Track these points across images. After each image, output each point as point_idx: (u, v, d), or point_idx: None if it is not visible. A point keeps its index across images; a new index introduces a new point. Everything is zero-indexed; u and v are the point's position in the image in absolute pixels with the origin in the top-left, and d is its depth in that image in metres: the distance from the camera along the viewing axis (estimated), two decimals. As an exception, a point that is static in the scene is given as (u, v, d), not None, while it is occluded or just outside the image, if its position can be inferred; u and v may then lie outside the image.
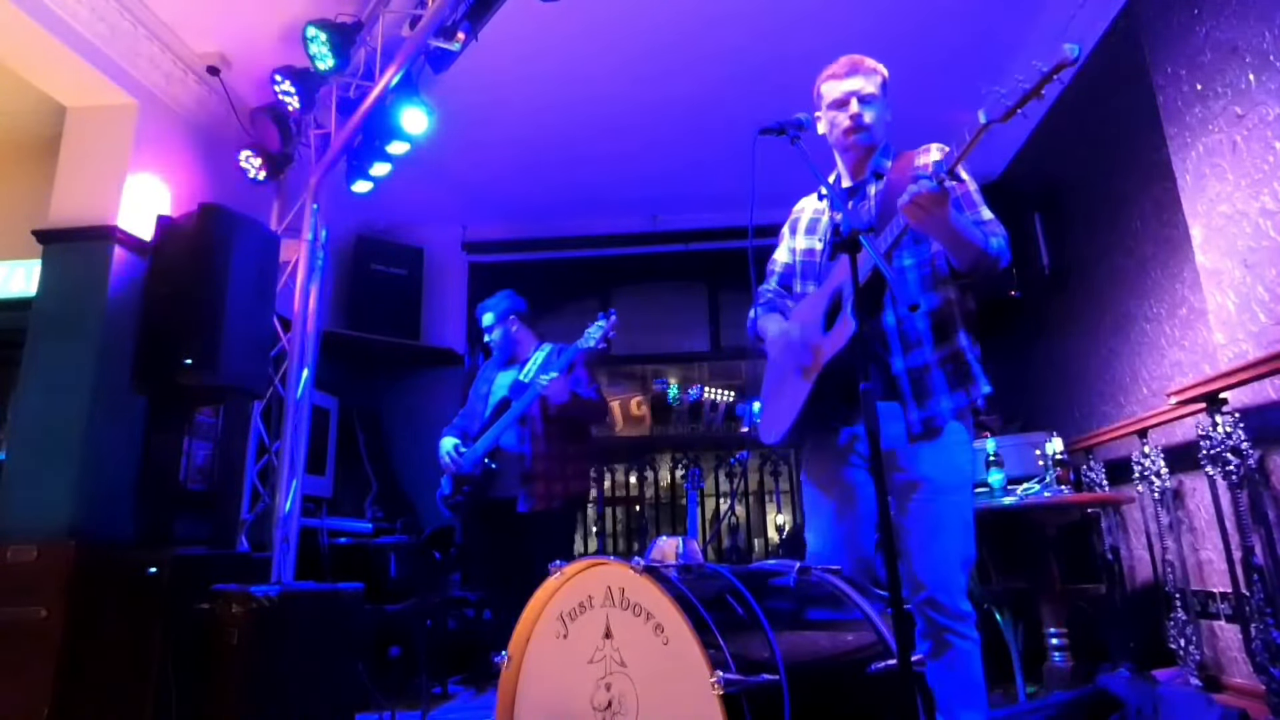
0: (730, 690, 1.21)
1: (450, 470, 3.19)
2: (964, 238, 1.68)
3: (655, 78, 4.16)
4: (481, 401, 3.31)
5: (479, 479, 3.12)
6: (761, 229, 1.92)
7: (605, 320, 3.03)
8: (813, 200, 2.12)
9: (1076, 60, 1.36)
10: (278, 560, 3.35)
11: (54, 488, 3.00)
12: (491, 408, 3.21)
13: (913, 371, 1.81)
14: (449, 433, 3.31)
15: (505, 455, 3.12)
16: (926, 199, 1.56)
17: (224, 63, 3.71)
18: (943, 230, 1.66)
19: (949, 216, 1.62)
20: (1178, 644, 2.95)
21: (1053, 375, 4.29)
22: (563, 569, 1.56)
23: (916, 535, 1.78)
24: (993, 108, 1.47)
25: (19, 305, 3.71)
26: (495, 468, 3.10)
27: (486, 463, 3.11)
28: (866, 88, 1.92)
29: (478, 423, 3.25)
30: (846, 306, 1.74)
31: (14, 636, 2.74)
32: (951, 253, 1.75)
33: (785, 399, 1.93)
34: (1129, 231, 3.42)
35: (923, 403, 1.80)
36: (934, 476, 1.79)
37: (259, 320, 3.48)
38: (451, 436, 3.27)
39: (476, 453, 3.14)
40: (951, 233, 1.67)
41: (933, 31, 3.81)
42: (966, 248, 1.70)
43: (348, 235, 5.39)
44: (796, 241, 2.09)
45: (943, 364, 1.81)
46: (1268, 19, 2.44)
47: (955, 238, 1.68)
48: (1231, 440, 2.49)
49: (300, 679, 2.68)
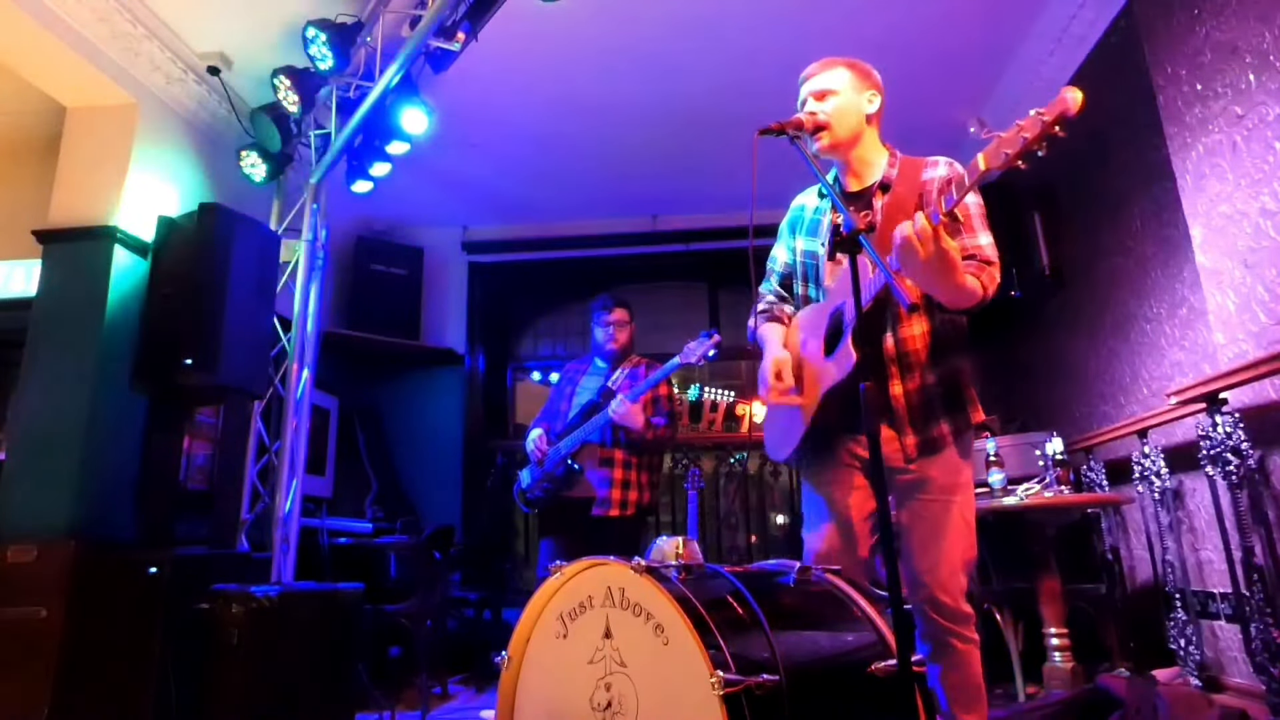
0: (730, 690, 1.21)
1: (535, 458, 3.18)
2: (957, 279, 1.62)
3: (655, 77, 4.16)
4: (566, 400, 3.27)
5: (559, 478, 3.12)
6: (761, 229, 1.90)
7: (709, 339, 2.96)
8: (813, 198, 2.05)
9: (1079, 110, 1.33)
10: (278, 560, 3.36)
11: (54, 488, 3.00)
12: (578, 409, 3.16)
13: (910, 395, 1.80)
14: (537, 423, 3.29)
15: (589, 454, 3.10)
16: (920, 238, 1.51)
17: (224, 63, 3.71)
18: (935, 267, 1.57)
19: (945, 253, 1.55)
20: (1178, 644, 2.95)
21: (1053, 375, 4.28)
22: (563, 569, 1.57)
23: (918, 536, 1.78)
24: (992, 156, 1.44)
25: (19, 305, 3.71)
26: (579, 468, 3.09)
27: (570, 463, 3.10)
28: (819, 83, 1.88)
29: (561, 421, 3.22)
30: (846, 335, 1.73)
31: (14, 636, 2.74)
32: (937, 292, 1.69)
33: (790, 417, 1.92)
34: (1129, 231, 3.42)
35: (921, 426, 1.79)
36: (936, 477, 1.79)
37: (259, 320, 3.48)
38: (538, 428, 3.25)
39: (560, 452, 3.12)
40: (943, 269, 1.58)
41: (932, 32, 3.81)
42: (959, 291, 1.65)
43: (348, 235, 5.39)
44: (798, 242, 2.04)
45: (940, 385, 1.81)
46: (1268, 19, 2.44)
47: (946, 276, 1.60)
48: (1231, 440, 2.49)
49: (300, 679, 2.68)
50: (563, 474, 3.12)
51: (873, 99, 1.90)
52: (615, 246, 5.77)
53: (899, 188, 1.83)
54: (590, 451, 3.10)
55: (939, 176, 1.81)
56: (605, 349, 3.24)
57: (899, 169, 1.87)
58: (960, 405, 1.82)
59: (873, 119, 1.91)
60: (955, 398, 1.82)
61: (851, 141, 1.89)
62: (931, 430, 1.79)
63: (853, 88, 1.88)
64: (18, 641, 2.74)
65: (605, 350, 3.24)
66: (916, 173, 1.84)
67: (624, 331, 3.24)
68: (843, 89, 1.87)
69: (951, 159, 1.86)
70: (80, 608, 2.80)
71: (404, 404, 5.59)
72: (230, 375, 3.22)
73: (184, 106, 3.72)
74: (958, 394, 1.82)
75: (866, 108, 1.89)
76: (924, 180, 1.82)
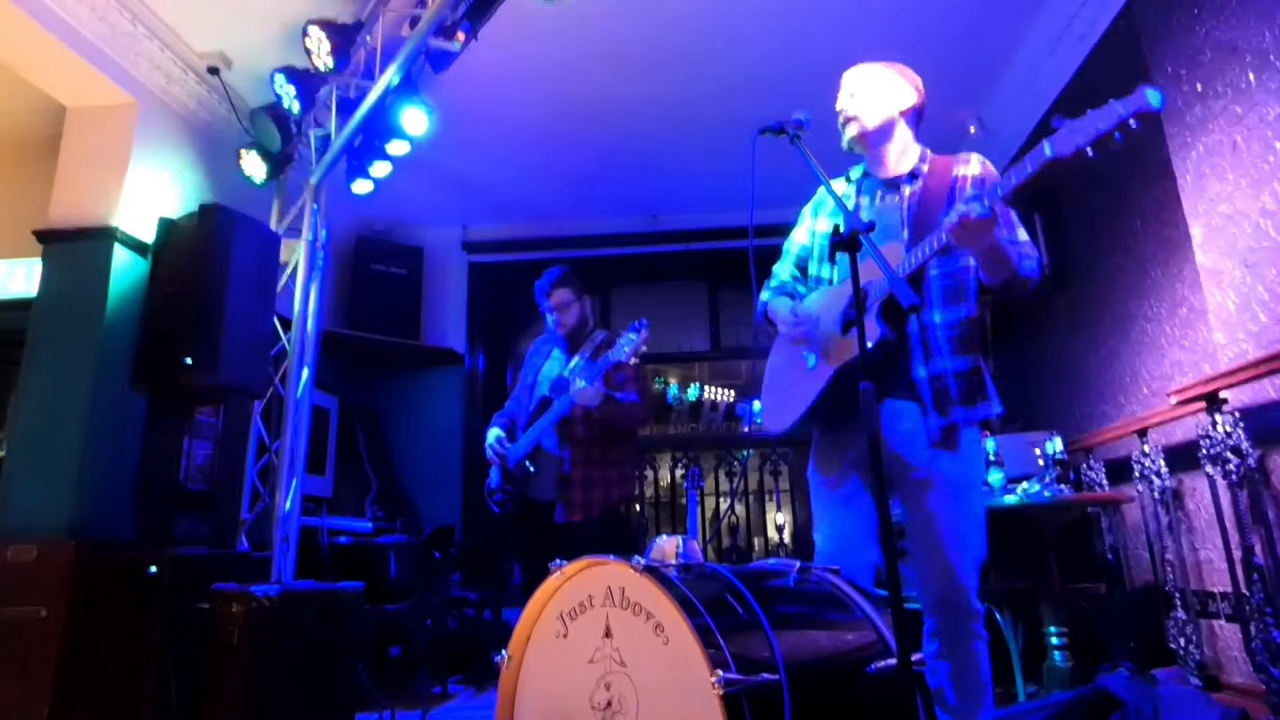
0: (730, 690, 1.21)
1: (496, 463, 3.07)
2: (1003, 256, 1.70)
3: (656, 77, 4.16)
4: (528, 392, 3.14)
5: (519, 479, 3.01)
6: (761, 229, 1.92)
7: (636, 334, 2.73)
8: (840, 184, 2.07)
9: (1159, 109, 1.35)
10: (278, 560, 3.35)
11: (54, 487, 3.00)
12: (535, 402, 3.04)
13: (935, 379, 1.81)
14: (496, 421, 3.17)
15: (545, 458, 2.98)
16: (976, 223, 1.57)
17: (224, 63, 3.71)
18: (983, 249, 1.68)
19: (993, 238, 1.63)
20: (1178, 644, 2.95)
21: (1053, 375, 4.28)
22: (563, 568, 1.57)
23: (930, 533, 1.78)
24: (1063, 144, 1.46)
25: (19, 305, 3.71)
26: (534, 470, 2.98)
27: (526, 465, 2.99)
28: (854, 78, 1.99)
29: (524, 414, 3.10)
30: (873, 309, 1.75)
31: (14, 636, 2.74)
32: (987, 270, 1.76)
33: (796, 388, 1.90)
34: (1129, 231, 3.42)
35: (944, 410, 1.80)
36: (947, 475, 1.78)
37: (259, 320, 3.48)
38: (497, 427, 3.13)
39: (518, 452, 3.01)
40: (991, 251, 1.68)
41: (932, 31, 3.80)
42: (1003, 266, 1.71)
43: (348, 235, 5.39)
44: (818, 223, 2.07)
45: (960, 376, 1.81)
46: (1268, 19, 2.44)
47: (994, 256, 1.70)
48: (1231, 440, 2.49)
49: (300, 679, 2.68)
50: (521, 476, 3.01)
51: (908, 96, 1.97)
52: (615, 246, 5.77)
53: (929, 180, 1.88)
54: (547, 451, 2.96)
55: (971, 174, 1.86)
56: (556, 334, 3.11)
57: (930, 165, 1.92)
58: (984, 396, 1.83)
59: (906, 115, 1.97)
60: (978, 388, 1.83)
61: (880, 135, 1.95)
62: (954, 415, 1.79)
63: (886, 84, 1.96)
64: (18, 641, 2.74)
65: (558, 336, 3.11)
66: (947, 168, 1.89)
67: (569, 313, 3.06)
68: (875, 84, 1.96)
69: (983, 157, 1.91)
70: (80, 608, 2.80)
71: (404, 404, 5.59)
72: (230, 375, 3.22)
73: (184, 106, 3.72)
74: (980, 385, 1.83)
75: (899, 103, 1.95)
76: (955, 175, 1.86)
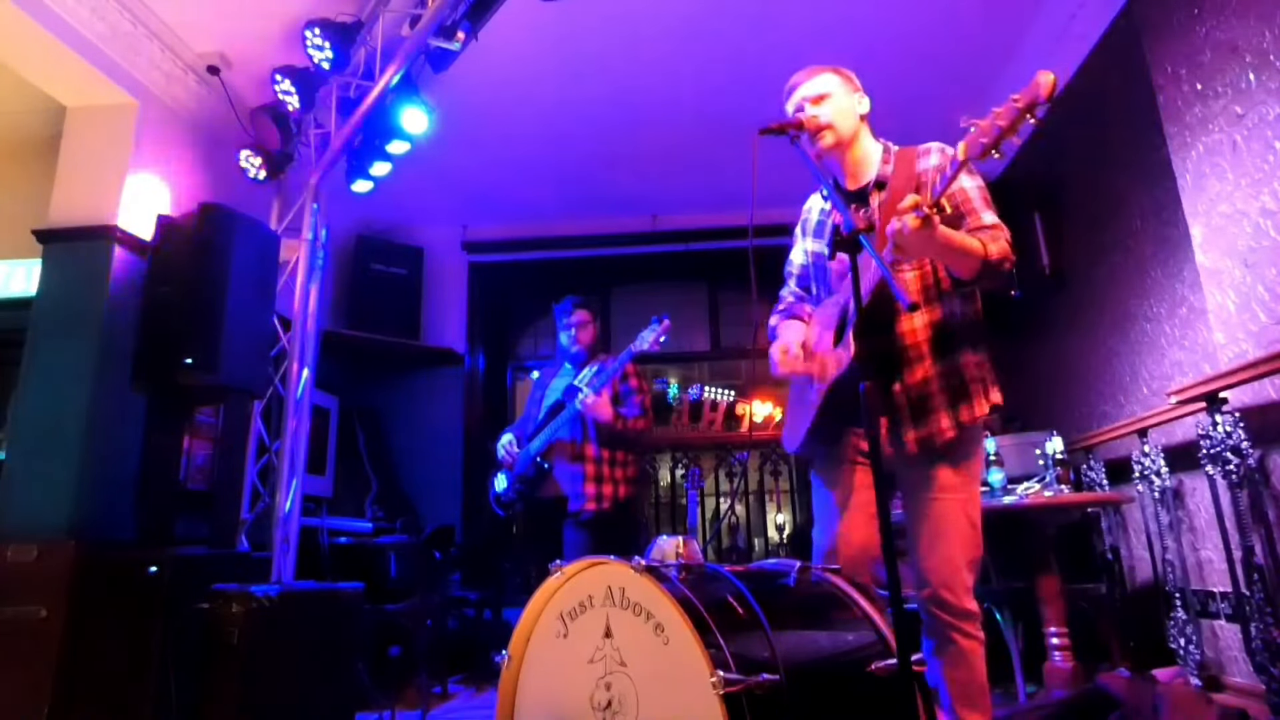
0: (730, 690, 1.21)
1: (506, 463, 3.24)
2: (959, 251, 1.66)
3: (656, 77, 4.16)
4: (536, 405, 3.34)
5: (530, 479, 3.17)
6: (761, 229, 1.93)
7: (658, 325, 3.03)
8: (819, 200, 2.12)
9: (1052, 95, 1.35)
10: (278, 560, 3.35)
11: (54, 488, 2.99)
12: (546, 410, 3.23)
13: (910, 389, 1.81)
14: (509, 431, 3.35)
15: (559, 453, 3.14)
16: (910, 235, 1.54)
17: (224, 63, 3.71)
18: (933, 251, 1.67)
19: (937, 238, 1.58)
20: (1178, 644, 2.95)
21: (1053, 375, 4.28)
22: (563, 568, 1.57)
23: (923, 533, 1.78)
24: (971, 146, 1.48)
25: (19, 305, 3.71)
26: (547, 467, 3.14)
27: (539, 462, 3.15)
28: (812, 89, 1.93)
29: (531, 425, 3.28)
30: (848, 330, 1.75)
31: (14, 636, 2.74)
32: (948, 266, 1.75)
33: (802, 408, 1.96)
34: (1129, 231, 3.42)
35: (920, 422, 1.79)
36: (941, 475, 1.79)
37: (259, 320, 3.48)
38: (510, 434, 3.32)
39: (530, 451, 3.17)
40: (943, 250, 1.65)
41: (932, 31, 3.81)
42: (965, 259, 1.68)
43: (348, 235, 5.39)
44: (807, 243, 2.11)
45: (942, 379, 1.80)
46: (1268, 19, 2.45)
47: (948, 253, 1.67)
48: (1231, 440, 2.49)
49: (300, 679, 2.68)
50: (534, 475, 3.16)
51: (862, 100, 1.97)
52: (615, 246, 5.76)
53: (894, 182, 1.87)
54: (560, 449, 3.14)
55: (932, 165, 1.84)
56: (570, 351, 3.32)
57: (894, 163, 1.91)
58: (966, 398, 1.80)
59: (864, 119, 1.97)
60: (959, 391, 1.81)
61: (850, 141, 1.94)
62: (932, 425, 1.78)
63: (844, 90, 1.95)
64: (18, 641, 2.74)
65: (571, 353, 3.32)
66: (911, 164, 1.88)
67: (586, 332, 3.31)
68: (836, 92, 1.93)
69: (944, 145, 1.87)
70: (80, 608, 2.79)
71: (404, 404, 5.59)
72: (230, 375, 3.22)
73: (184, 106, 3.72)
74: (963, 387, 1.81)
75: (859, 108, 1.96)
76: (919, 171, 1.85)
